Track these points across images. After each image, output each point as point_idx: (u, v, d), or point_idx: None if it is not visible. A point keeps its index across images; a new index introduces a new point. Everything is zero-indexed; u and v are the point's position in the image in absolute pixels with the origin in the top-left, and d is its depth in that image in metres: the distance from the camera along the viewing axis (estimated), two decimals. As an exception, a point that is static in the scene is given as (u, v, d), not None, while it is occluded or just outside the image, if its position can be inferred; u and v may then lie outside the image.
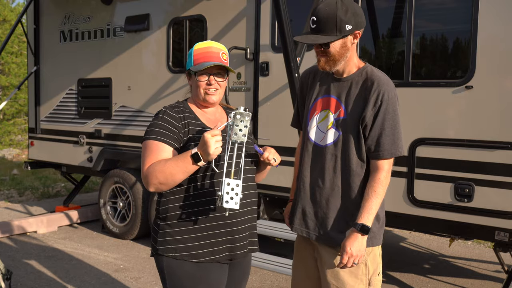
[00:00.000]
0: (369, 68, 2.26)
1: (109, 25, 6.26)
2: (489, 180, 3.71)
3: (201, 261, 2.14)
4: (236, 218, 2.18)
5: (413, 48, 4.10)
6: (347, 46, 2.17)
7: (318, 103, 2.33)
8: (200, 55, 2.21)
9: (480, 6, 3.73)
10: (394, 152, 2.17)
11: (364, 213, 2.14)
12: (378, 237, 2.27)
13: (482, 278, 4.98)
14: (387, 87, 2.17)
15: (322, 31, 2.14)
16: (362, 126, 2.18)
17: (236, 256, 2.21)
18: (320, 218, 2.28)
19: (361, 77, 2.23)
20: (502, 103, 3.68)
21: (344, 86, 2.26)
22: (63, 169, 7.03)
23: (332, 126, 2.25)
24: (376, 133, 2.17)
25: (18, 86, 7.65)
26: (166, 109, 2.22)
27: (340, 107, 2.24)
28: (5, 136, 16.35)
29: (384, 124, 2.16)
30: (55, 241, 5.98)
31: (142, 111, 5.91)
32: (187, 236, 2.14)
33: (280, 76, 4.65)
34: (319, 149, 2.29)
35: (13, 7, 19.84)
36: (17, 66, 17.65)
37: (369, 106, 2.16)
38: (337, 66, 2.22)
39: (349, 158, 2.21)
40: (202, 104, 2.28)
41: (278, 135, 4.81)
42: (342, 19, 2.10)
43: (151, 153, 2.11)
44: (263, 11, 4.86)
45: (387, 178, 2.19)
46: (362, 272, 2.24)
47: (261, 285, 4.63)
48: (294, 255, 2.52)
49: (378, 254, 2.30)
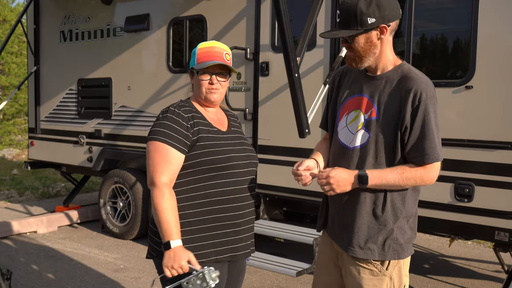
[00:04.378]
0: (406, 66, 2.11)
1: (109, 25, 6.26)
2: (489, 180, 3.71)
3: (204, 261, 2.14)
4: (241, 218, 2.21)
5: (413, 48, 4.09)
6: (372, 41, 2.03)
7: (348, 102, 2.18)
8: (204, 54, 2.23)
9: (480, 6, 3.72)
10: (436, 157, 2.01)
11: (375, 173, 2.00)
12: (406, 250, 2.11)
13: (482, 278, 4.98)
14: (426, 86, 2.00)
15: (343, 25, 2.03)
16: (401, 129, 2.01)
17: (238, 256, 2.23)
18: (345, 226, 2.13)
19: (397, 75, 2.07)
20: (502, 103, 3.68)
21: (377, 84, 2.10)
22: (63, 169, 7.03)
23: (362, 127, 2.08)
24: (416, 137, 2.00)
25: (18, 86, 7.65)
26: (174, 108, 2.21)
27: (372, 107, 2.07)
28: (5, 136, 16.34)
29: (423, 127, 1.98)
30: (55, 241, 5.98)
31: (142, 111, 5.91)
32: (191, 237, 2.14)
33: (280, 76, 4.65)
34: (346, 151, 2.13)
35: (13, 7, 19.81)
36: (17, 66, 17.64)
37: (406, 106, 1.99)
38: (364, 63, 2.07)
39: (378, 162, 2.05)
40: (204, 103, 2.30)
41: (278, 135, 4.80)
42: (363, 12, 1.97)
43: (161, 160, 2.10)
44: (263, 11, 4.86)
45: (424, 179, 2.04)
46: (386, 285, 2.09)
47: (261, 285, 4.63)
48: (317, 259, 2.41)
49: (404, 267, 2.14)
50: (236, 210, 2.20)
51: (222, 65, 2.25)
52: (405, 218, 2.12)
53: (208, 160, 2.15)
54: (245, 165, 2.25)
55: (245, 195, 2.24)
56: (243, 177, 2.23)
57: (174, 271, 2.04)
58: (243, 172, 2.24)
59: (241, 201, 2.22)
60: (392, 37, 2.10)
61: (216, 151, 2.17)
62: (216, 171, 2.15)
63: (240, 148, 2.28)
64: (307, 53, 4.47)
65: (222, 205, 2.16)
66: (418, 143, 2.00)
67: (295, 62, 4.09)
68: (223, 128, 2.31)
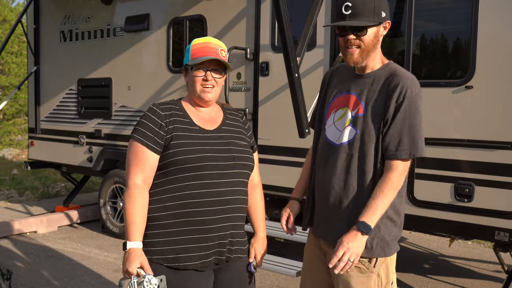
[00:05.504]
0: (393, 64, 2.15)
1: (109, 25, 6.26)
2: (489, 180, 3.71)
3: (175, 266, 2.07)
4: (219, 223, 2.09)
5: (413, 48, 4.09)
6: (378, 36, 2.08)
7: (336, 100, 2.21)
8: (198, 50, 2.14)
9: (480, 6, 3.72)
10: (413, 153, 2.02)
11: (368, 212, 2.00)
12: (392, 247, 2.14)
13: (482, 278, 4.98)
14: (411, 84, 2.04)
15: (358, 16, 2.02)
16: (383, 123, 2.05)
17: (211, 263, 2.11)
18: (334, 221, 2.16)
19: (384, 73, 2.11)
20: (502, 103, 3.68)
21: (365, 82, 2.13)
22: (63, 169, 7.03)
23: (349, 123, 2.11)
24: (395, 131, 2.03)
25: (18, 86, 7.65)
26: (153, 106, 2.16)
27: (360, 104, 2.11)
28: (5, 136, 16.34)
29: (404, 122, 2.02)
30: (55, 241, 5.98)
31: (142, 111, 5.88)
32: (163, 239, 2.08)
33: (280, 76, 4.65)
34: (333, 148, 2.16)
35: (13, 7, 19.81)
36: (17, 66, 17.64)
37: (390, 102, 2.03)
38: (368, 58, 2.10)
39: (365, 157, 2.07)
40: (197, 103, 2.20)
41: (278, 135, 4.80)
42: (379, 5, 2.03)
43: (134, 158, 2.08)
44: (263, 11, 4.86)
45: (399, 180, 2.04)
46: (374, 282, 2.11)
47: (261, 285, 4.63)
48: (304, 259, 2.41)
49: (392, 264, 2.17)
50: (212, 214, 2.06)
51: (217, 61, 2.12)
52: (391, 216, 2.13)
53: (180, 160, 2.04)
54: (225, 166, 2.10)
55: (226, 198, 2.09)
56: (223, 179, 2.09)
57: (126, 274, 2.01)
58: (223, 174, 2.09)
59: (218, 205, 2.07)
60: None
61: (188, 150, 2.06)
62: (189, 171, 2.04)
63: (223, 148, 2.13)
64: (307, 53, 4.47)
65: (195, 208, 2.04)
66: (397, 137, 2.03)
67: (295, 62, 4.09)
68: (210, 127, 2.18)
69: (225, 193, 2.10)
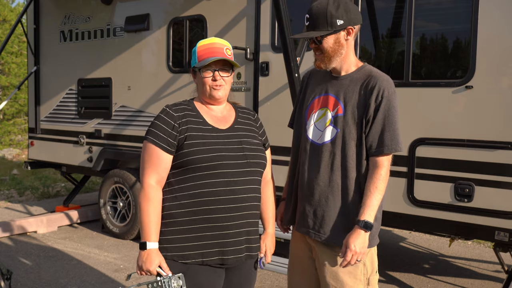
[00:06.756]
0: (368, 66, 2.29)
1: (109, 25, 6.26)
2: (489, 180, 3.71)
3: (190, 262, 2.11)
4: (233, 220, 2.13)
5: (413, 48, 4.09)
6: (340, 42, 2.21)
7: (315, 101, 2.34)
8: (204, 51, 2.20)
9: (480, 6, 3.72)
10: (395, 148, 2.17)
11: (366, 210, 2.13)
12: (375, 239, 2.28)
13: (482, 278, 4.98)
14: (387, 84, 2.19)
15: (314, 27, 2.20)
16: (364, 123, 2.18)
17: (228, 261, 2.15)
18: (320, 217, 2.26)
19: (360, 75, 2.25)
20: (502, 103, 3.68)
21: (342, 84, 2.27)
22: (63, 169, 7.03)
23: (330, 123, 2.25)
24: (377, 129, 2.17)
25: (18, 86, 7.64)
26: (167, 107, 2.21)
27: (339, 105, 2.24)
28: (5, 136, 16.35)
29: (384, 120, 2.17)
30: (55, 241, 5.98)
31: (142, 111, 5.91)
32: (178, 237, 2.12)
33: (280, 76, 4.65)
34: (316, 147, 2.28)
35: (13, 7, 19.82)
36: (17, 66, 17.65)
37: (370, 102, 2.17)
38: (332, 63, 2.24)
39: (347, 154, 2.20)
40: (208, 102, 2.26)
41: (278, 135, 4.80)
42: (333, 14, 2.16)
43: (150, 162, 2.13)
44: (263, 11, 4.86)
45: (388, 174, 2.19)
46: (361, 272, 2.24)
47: (261, 285, 4.63)
48: (290, 257, 2.50)
49: (375, 254, 2.32)
50: (227, 212, 2.11)
51: (224, 61, 2.20)
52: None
53: (195, 159, 2.09)
54: (238, 165, 2.15)
55: (240, 197, 2.14)
56: (237, 178, 2.14)
57: (143, 272, 2.08)
58: (237, 173, 2.14)
59: (233, 203, 2.12)
60: (354, 41, 2.29)
61: (203, 149, 2.11)
62: (203, 170, 2.10)
63: (236, 147, 2.19)
64: (307, 53, 4.47)
65: (210, 206, 2.09)
66: (380, 135, 2.17)
67: (295, 62, 4.09)
68: (223, 126, 2.24)
69: (239, 191, 2.15)
